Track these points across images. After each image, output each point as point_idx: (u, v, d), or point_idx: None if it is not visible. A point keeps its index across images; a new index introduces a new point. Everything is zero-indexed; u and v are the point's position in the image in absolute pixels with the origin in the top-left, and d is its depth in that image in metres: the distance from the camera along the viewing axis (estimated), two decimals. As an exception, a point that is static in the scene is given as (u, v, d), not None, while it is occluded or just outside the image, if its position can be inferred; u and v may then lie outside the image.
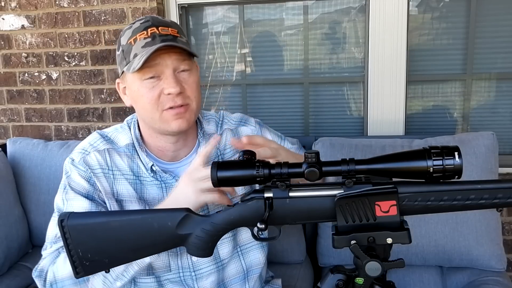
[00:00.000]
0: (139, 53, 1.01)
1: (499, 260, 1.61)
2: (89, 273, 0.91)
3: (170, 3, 2.14)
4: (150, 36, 1.02)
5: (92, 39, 2.15)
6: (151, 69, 1.02)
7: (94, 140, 1.14)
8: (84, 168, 1.09)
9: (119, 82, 1.15)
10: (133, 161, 1.12)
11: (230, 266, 1.19)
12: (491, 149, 1.65)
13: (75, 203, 1.07)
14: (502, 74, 2.04)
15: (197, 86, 1.09)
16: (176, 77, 1.04)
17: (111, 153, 1.12)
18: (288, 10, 2.15)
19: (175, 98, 1.04)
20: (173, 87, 1.02)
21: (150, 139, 1.13)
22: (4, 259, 1.79)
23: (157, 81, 1.03)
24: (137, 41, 1.02)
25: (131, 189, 1.10)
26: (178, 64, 1.05)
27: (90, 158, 1.10)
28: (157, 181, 1.11)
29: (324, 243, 1.70)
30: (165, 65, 1.03)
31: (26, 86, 2.27)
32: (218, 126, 1.22)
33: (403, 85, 2.02)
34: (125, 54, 1.05)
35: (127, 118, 1.20)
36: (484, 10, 1.98)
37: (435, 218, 1.61)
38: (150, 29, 1.03)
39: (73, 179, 1.09)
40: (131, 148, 1.12)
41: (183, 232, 0.88)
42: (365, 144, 1.73)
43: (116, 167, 1.11)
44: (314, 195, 0.82)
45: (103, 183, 1.09)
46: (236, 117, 1.25)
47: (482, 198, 0.77)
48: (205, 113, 1.24)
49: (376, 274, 0.78)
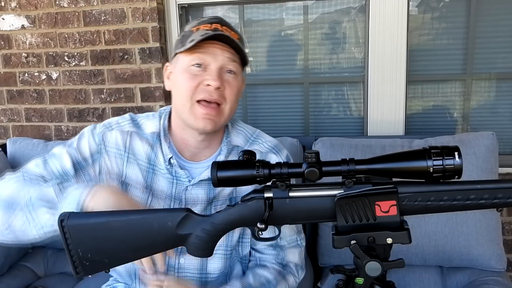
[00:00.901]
0: (195, 39, 1.02)
1: (499, 260, 1.61)
2: (89, 273, 0.91)
3: (170, 3, 2.14)
4: (212, 29, 1.04)
5: (92, 39, 2.15)
6: (200, 55, 1.03)
7: (123, 120, 1.16)
8: (98, 141, 1.11)
9: (167, 65, 1.15)
10: (153, 150, 1.11)
11: (216, 282, 1.16)
12: (491, 149, 1.65)
13: (58, 160, 1.08)
14: (502, 74, 2.04)
15: (237, 92, 1.09)
16: (220, 74, 1.05)
17: (133, 136, 1.12)
18: (288, 10, 2.16)
19: (212, 92, 1.04)
20: (214, 80, 1.03)
21: (178, 129, 1.13)
22: (4, 259, 1.79)
23: (201, 72, 1.04)
24: (199, 30, 1.04)
25: (141, 176, 1.11)
26: (227, 62, 1.05)
27: (110, 135, 1.12)
28: (170, 175, 1.11)
29: (324, 243, 1.70)
30: (215, 58, 1.04)
31: (26, 86, 2.27)
32: (248, 142, 1.18)
33: (403, 85, 2.03)
34: (183, 39, 1.06)
35: (161, 108, 1.21)
36: (484, 10, 1.98)
37: (435, 218, 1.61)
38: (215, 24, 1.05)
39: (81, 142, 1.11)
40: (155, 137, 1.12)
41: (183, 232, 0.88)
42: (365, 144, 1.73)
43: (132, 151, 1.11)
44: (314, 195, 0.82)
45: (112, 162, 1.10)
46: (271, 142, 1.20)
47: (482, 198, 0.77)
48: (239, 124, 1.22)
49: (376, 274, 0.77)
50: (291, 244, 1.20)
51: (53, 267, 1.92)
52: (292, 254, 1.20)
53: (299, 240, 1.21)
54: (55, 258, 1.94)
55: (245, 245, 1.18)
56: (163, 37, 2.13)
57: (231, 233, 1.13)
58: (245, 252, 1.19)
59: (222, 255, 1.14)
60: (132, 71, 2.15)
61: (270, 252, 1.18)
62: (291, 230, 1.19)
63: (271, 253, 1.18)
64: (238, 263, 1.18)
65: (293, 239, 1.20)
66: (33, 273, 1.89)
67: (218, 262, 1.14)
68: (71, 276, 1.82)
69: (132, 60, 2.13)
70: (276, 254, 1.18)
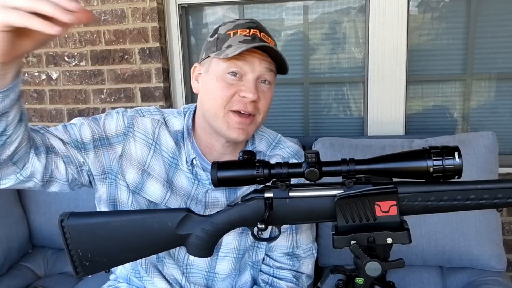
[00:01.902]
0: (234, 45, 0.99)
1: (499, 260, 1.61)
2: (89, 273, 0.91)
3: (170, 3, 2.14)
4: (251, 36, 1.00)
5: (92, 39, 2.15)
6: (238, 63, 0.99)
7: (154, 109, 1.12)
8: (127, 123, 1.07)
9: (196, 66, 1.10)
10: (177, 147, 1.09)
11: (222, 283, 1.15)
12: (491, 149, 1.65)
13: (77, 129, 1.02)
14: (502, 74, 2.04)
15: (270, 102, 1.06)
16: (256, 85, 1.01)
17: (162, 128, 1.09)
18: (288, 10, 2.16)
19: (247, 104, 1.00)
20: (252, 93, 0.99)
21: (203, 133, 1.09)
22: (4, 259, 1.79)
23: (237, 81, 1.00)
24: (237, 35, 1.00)
25: (163, 168, 1.07)
26: (264, 72, 1.02)
27: (141, 121, 1.08)
28: (191, 175, 1.08)
29: (324, 243, 1.70)
30: (252, 68, 1.00)
31: (26, 86, 2.27)
32: (270, 147, 1.16)
33: (403, 85, 2.03)
34: (219, 42, 1.02)
35: (184, 105, 1.18)
36: (484, 10, 1.98)
37: (435, 218, 1.61)
38: (253, 30, 1.01)
39: (108, 120, 1.07)
40: (179, 136, 1.09)
41: (183, 232, 0.89)
42: (365, 144, 1.73)
43: (159, 142, 1.08)
44: (314, 195, 0.82)
45: (137, 148, 1.06)
46: (293, 148, 1.18)
47: (482, 198, 0.77)
48: (261, 129, 1.18)
49: (376, 274, 0.77)
50: (307, 253, 1.18)
51: (53, 267, 1.92)
52: (305, 265, 1.19)
53: (313, 249, 1.20)
54: (55, 258, 1.94)
55: (260, 251, 1.16)
56: (163, 37, 2.13)
57: (244, 236, 1.11)
58: (259, 258, 1.17)
59: (232, 257, 1.12)
60: (132, 71, 2.15)
61: (286, 262, 1.16)
62: (307, 238, 1.18)
63: (286, 263, 1.16)
64: (249, 267, 1.17)
65: (309, 248, 1.18)
66: (33, 273, 1.89)
67: (227, 263, 1.12)
68: (71, 276, 1.82)
69: (132, 60, 2.13)
70: (292, 265, 1.16)
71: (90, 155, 1.02)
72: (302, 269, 1.18)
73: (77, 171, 1.01)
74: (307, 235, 1.18)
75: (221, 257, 1.11)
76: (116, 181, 1.06)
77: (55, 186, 0.99)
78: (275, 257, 1.17)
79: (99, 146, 1.04)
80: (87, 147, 1.02)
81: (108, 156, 1.05)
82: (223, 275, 1.13)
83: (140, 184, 1.07)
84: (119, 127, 1.06)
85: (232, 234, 1.09)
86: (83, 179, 1.03)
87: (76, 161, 1.00)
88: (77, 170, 1.01)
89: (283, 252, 1.16)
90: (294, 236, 1.16)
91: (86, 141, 1.02)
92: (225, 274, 1.13)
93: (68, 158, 0.98)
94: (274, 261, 1.17)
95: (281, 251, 1.16)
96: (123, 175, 1.06)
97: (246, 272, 1.17)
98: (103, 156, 1.04)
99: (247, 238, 1.12)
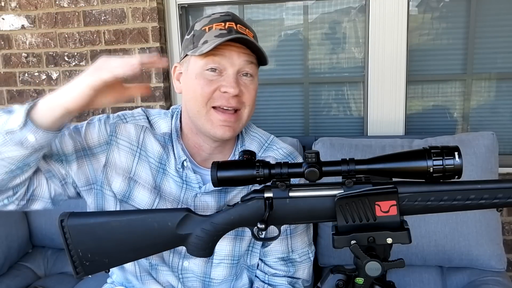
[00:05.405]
0: (209, 41, 0.96)
1: (499, 260, 1.61)
2: (89, 273, 0.91)
3: (170, 3, 2.14)
4: (227, 29, 0.97)
5: (92, 39, 2.15)
6: (216, 59, 0.97)
7: (138, 114, 1.09)
8: (109, 131, 1.04)
9: (176, 66, 1.08)
10: (164, 151, 1.06)
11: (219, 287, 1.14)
12: (491, 149, 1.65)
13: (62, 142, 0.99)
14: (502, 74, 2.04)
15: (254, 95, 1.03)
16: (237, 78, 0.99)
17: (146, 133, 1.06)
18: (288, 10, 2.16)
19: (230, 99, 0.98)
20: (233, 87, 0.96)
21: (190, 133, 1.07)
22: (4, 259, 1.79)
23: (217, 76, 0.98)
24: (212, 30, 0.98)
25: (150, 175, 1.05)
26: (244, 66, 0.99)
27: (124, 128, 1.05)
28: (180, 179, 1.05)
29: (324, 243, 1.70)
30: (231, 62, 0.97)
31: (26, 86, 2.26)
32: (262, 149, 1.13)
33: (403, 85, 2.03)
34: (195, 39, 1.00)
35: (172, 106, 1.15)
36: (484, 10, 1.98)
37: (435, 218, 1.61)
38: (229, 23, 0.99)
39: (90, 129, 1.03)
40: (167, 138, 1.07)
41: (183, 232, 0.89)
42: (365, 144, 1.73)
43: (145, 148, 1.05)
44: (314, 195, 0.82)
45: (122, 156, 1.03)
46: (286, 149, 1.14)
47: (482, 198, 0.77)
48: (253, 129, 1.16)
49: (376, 274, 0.78)
50: (303, 258, 1.16)
51: (53, 267, 1.92)
52: (301, 270, 1.16)
53: (310, 253, 1.17)
54: (55, 258, 1.94)
55: (254, 255, 1.14)
56: (163, 37, 2.13)
57: (239, 242, 1.10)
58: (254, 262, 1.15)
59: (227, 264, 1.11)
60: (132, 71, 2.14)
61: (280, 268, 1.14)
62: (303, 242, 1.15)
63: (281, 269, 1.14)
64: (245, 270, 1.16)
65: (305, 252, 1.16)
66: (33, 273, 1.89)
67: (223, 270, 1.11)
68: (71, 276, 1.82)
69: (132, 60, 2.13)
70: (287, 271, 1.14)
71: (73, 166, 1.00)
72: (298, 274, 1.16)
73: (61, 185, 0.99)
74: (303, 239, 1.15)
75: (216, 264, 1.10)
76: (102, 191, 1.04)
77: (37, 204, 0.98)
78: (270, 263, 1.14)
79: (82, 157, 1.01)
80: (69, 158, 0.99)
81: (92, 166, 1.02)
82: (219, 280, 1.12)
83: (127, 192, 1.05)
84: (101, 136, 1.03)
85: (226, 241, 1.07)
86: (68, 191, 1.02)
87: (59, 174, 0.98)
88: (61, 183, 0.99)
89: (278, 257, 1.13)
90: (289, 241, 1.13)
91: (67, 153, 0.99)
92: (221, 279, 1.12)
93: (50, 172, 0.97)
94: (268, 267, 1.15)
95: (276, 257, 1.13)
96: (109, 185, 1.04)
97: (243, 275, 1.16)
98: (86, 167, 1.02)
99: (242, 244, 1.10)
